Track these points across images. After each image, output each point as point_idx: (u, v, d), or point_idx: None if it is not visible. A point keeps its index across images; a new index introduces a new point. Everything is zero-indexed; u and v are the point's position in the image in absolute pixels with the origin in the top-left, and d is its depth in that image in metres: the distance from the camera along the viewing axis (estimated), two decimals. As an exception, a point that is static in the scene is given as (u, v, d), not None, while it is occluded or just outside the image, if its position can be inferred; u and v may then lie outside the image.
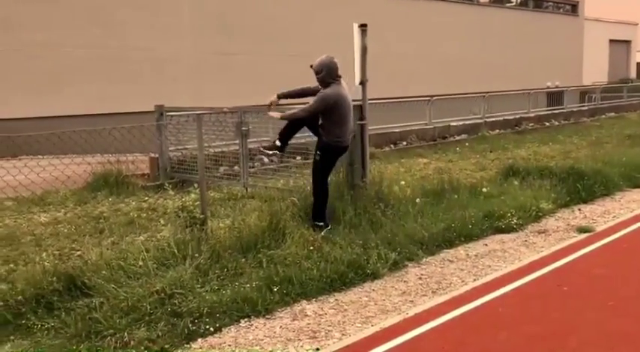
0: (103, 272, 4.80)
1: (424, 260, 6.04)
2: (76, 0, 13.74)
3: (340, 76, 6.36)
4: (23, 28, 12.93)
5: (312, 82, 6.42)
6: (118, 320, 4.32)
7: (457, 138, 15.74)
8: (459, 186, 8.18)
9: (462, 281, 5.47)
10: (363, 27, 7.09)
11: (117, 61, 14.10)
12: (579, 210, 8.10)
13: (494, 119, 17.71)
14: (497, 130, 17.27)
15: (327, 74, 6.27)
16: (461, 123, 16.60)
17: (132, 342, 4.12)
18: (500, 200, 7.79)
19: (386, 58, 17.13)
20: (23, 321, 4.39)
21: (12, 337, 4.26)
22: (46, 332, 4.29)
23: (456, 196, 7.67)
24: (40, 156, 6.85)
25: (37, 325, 4.35)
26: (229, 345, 4.24)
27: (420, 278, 5.56)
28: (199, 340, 4.30)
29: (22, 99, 12.83)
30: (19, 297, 4.53)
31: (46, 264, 4.98)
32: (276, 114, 6.64)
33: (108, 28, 14.05)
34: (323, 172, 6.49)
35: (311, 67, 6.34)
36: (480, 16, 23.33)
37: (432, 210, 7.07)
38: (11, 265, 5.50)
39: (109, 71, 13.94)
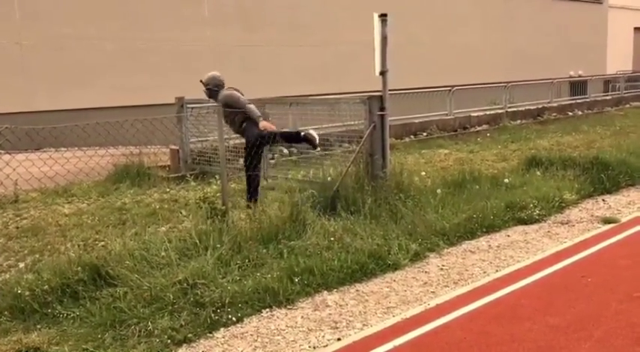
0: (127, 262, 4.86)
1: (445, 251, 6.02)
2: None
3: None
4: (47, 20, 13.07)
5: (335, 74, 6.41)
6: (141, 310, 4.38)
7: (478, 128, 15.62)
8: (481, 177, 8.13)
9: (484, 273, 5.44)
10: (383, 17, 7.04)
11: (139, 53, 14.19)
12: (603, 200, 7.99)
13: (515, 109, 17.55)
14: (519, 120, 17.10)
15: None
16: (482, 113, 16.48)
17: (155, 331, 4.18)
18: (522, 191, 7.72)
19: (407, 47, 16.97)
20: (49, 310, 4.47)
21: (38, 326, 4.34)
22: (71, 320, 4.37)
23: (477, 187, 7.62)
24: (63, 148, 6.92)
25: (63, 314, 4.43)
26: (251, 335, 4.28)
27: (442, 269, 5.53)
28: (222, 329, 4.34)
29: (45, 91, 13.00)
30: (45, 287, 4.61)
31: (70, 254, 5.07)
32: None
33: (131, 21, 14.14)
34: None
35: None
36: (502, 4, 23.01)
37: (453, 200, 7.03)
38: (37, 255, 5.61)
39: (132, 63, 14.03)
